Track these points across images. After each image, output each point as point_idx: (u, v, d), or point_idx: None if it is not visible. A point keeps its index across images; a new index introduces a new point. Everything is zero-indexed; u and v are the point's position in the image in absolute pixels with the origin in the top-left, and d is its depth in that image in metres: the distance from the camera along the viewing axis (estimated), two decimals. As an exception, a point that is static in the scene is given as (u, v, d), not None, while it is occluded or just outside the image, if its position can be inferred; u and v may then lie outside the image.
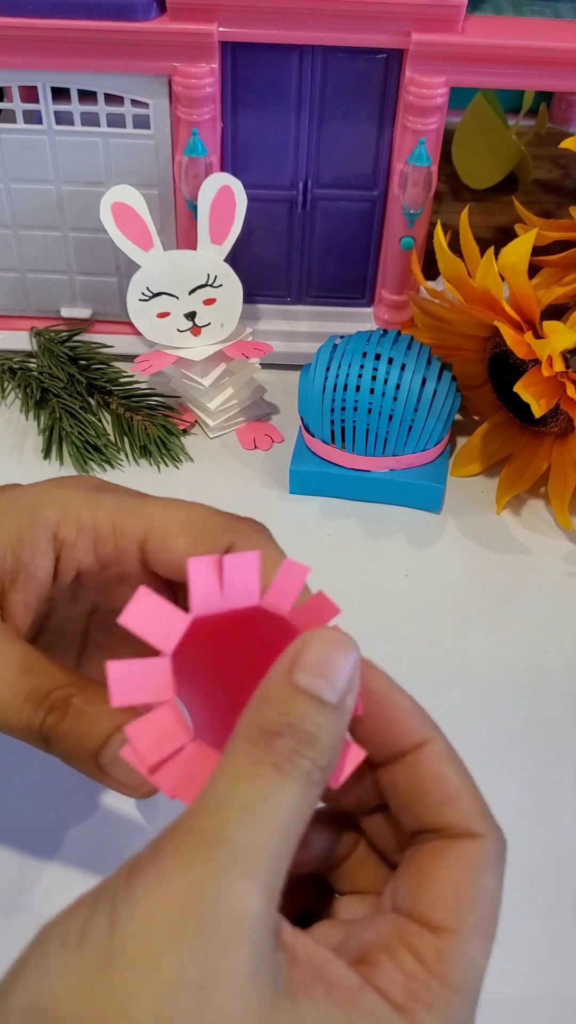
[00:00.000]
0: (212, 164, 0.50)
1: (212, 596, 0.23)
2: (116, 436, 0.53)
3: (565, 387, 0.44)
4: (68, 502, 0.29)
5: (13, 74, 0.48)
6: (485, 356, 0.51)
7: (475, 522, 0.50)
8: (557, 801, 0.39)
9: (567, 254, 0.50)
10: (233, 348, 0.52)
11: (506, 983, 0.33)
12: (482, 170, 0.62)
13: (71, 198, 0.52)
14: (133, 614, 0.23)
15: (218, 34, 0.46)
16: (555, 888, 0.36)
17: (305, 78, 0.48)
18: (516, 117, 0.64)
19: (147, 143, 0.50)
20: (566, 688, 0.42)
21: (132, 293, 0.50)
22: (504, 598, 0.47)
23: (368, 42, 0.46)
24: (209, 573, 0.23)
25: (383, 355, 0.47)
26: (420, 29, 0.45)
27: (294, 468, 0.50)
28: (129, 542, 0.29)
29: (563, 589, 0.47)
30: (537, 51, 0.46)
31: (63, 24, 0.45)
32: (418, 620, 0.45)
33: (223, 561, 0.24)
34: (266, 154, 0.51)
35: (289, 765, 0.20)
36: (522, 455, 0.51)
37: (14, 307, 0.58)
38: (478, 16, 0.47)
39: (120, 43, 0.46)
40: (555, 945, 0.34)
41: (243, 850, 0.19)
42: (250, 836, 0.19)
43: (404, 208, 0.51)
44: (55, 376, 0.55)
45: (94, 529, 0.29)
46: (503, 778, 0.39)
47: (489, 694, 0.42)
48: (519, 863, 0.36)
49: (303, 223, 0.54)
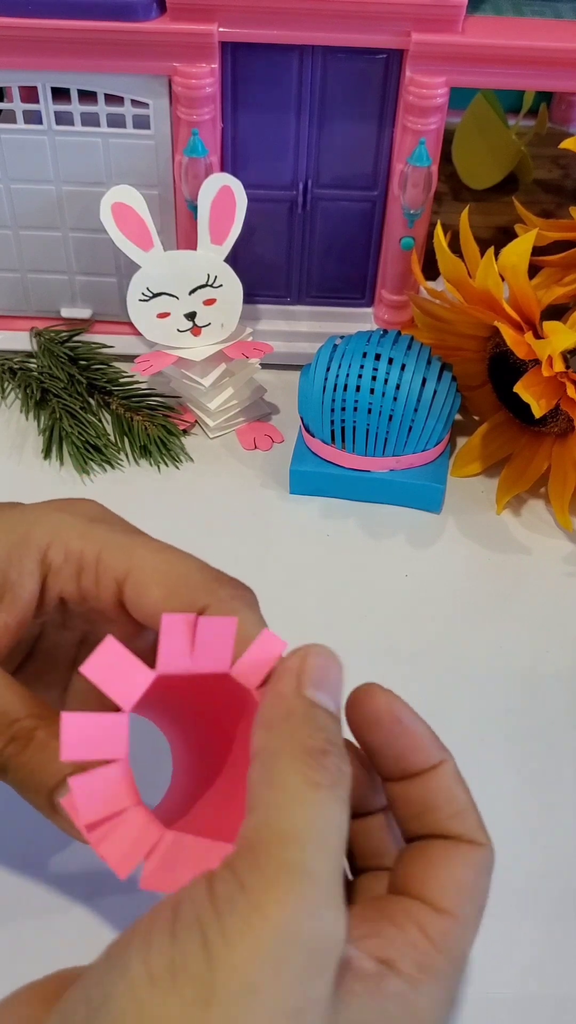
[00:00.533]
0: (212, 164, 0.50)
1: (180, 657, 0.23)
2: (116, 436, 0.53)
3: (565, 387, 0.44)
4: (61, 527, 0.29)
5: (13, 74, 0.48)
6: (485, 356, 0.51)
7: (475, 522, 0.50)
8: (557, 801, 0.39)
9: (567, 254, 0.50)
10: (233, 348, 0.52)
11: (506, 983, 0.33)
12: (482, 170, 0.61)
13: (71, 198, 0.52)
14: (96, 665, 0.22)
15: (218, 34, 0.46)
16: (555, 888, 0.36)
17: (305, 78, 0.48)
18: (516, 117, 0.64)
19: (147, 143, 0.50)
20: (566, 688, 0.42)
21: (132, 293, 0.50)
22: (504, 598, 0.47)
23: (368, 42, 0.46)
24: (182, 633, 0.23)
25: (383, 355, 0.47)
26: (420, 29, 0.45)
27: (294, 468, 0.50)
28: (109, 579, 0.28)
29: (563, 589, 0.47)
30: (537, 51, 0.46)
31: (63, 24, 0.45)
32: (418, 620, 0.45)
33: (198, 623, 0.23)
34: (266, 154, 0.51)
35: (339, 782, 0.22)
36: (522, 455, 0.51)
37: (14, 307, 0.58)
38: (478, 16, 0.47)
39: (120, 43, 0.46)
40: (555, 945, 0.34)
41: (326, 879, 0.21)
42: (330, 865, 0.21)
43: (404, 208, 0.51)
44: (55, 376, 0.55)
45: (79, 559, 0.28)
46: (503, 778, 0.39)
47: (489, 694, 0.42)
48: (519, 863, 0.36)
49: (303, 223, 0.54)
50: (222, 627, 0.23)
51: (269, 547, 0.48)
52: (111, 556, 0.28)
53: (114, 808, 0.22)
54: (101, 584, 0.28)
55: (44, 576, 0.29)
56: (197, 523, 0.49)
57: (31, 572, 0.28)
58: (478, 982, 0.33)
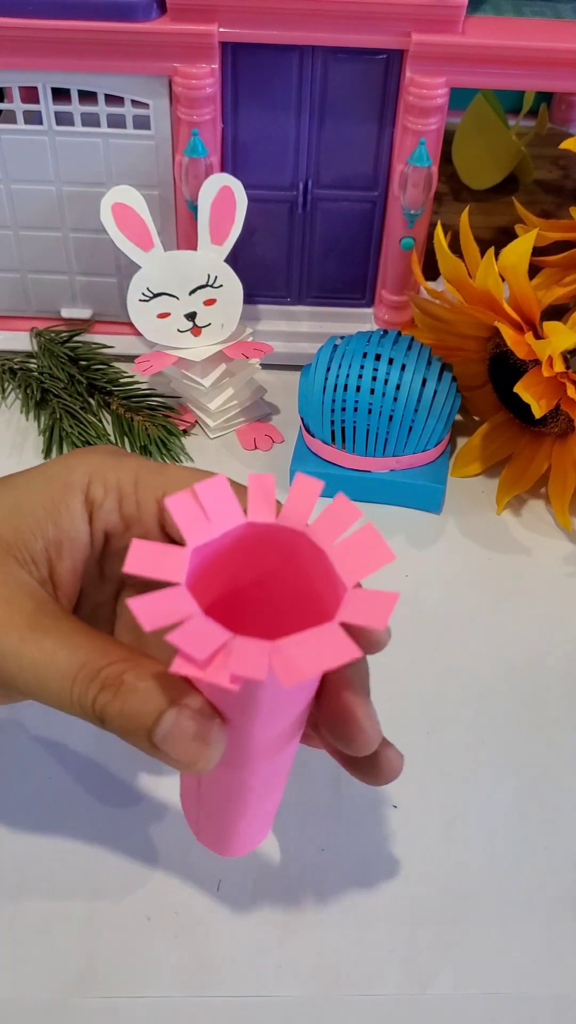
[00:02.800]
0: (212, 164, 0.50)
1: (201, 525, 0.23)
2: (116, 436, 0.53)
3: (565, 387, 0.44)
4: (95, 464, 0.30)
5: (13, 74, 0.48)
6: (485, 356, 0.51)
7: (475, 522, 0.50)
8: (557, 801, 0.39)
9: (567, 254, 0.50)
10: (233, 348, 0.52)
11: (506, 983, 0.33)
12: (482, 171, 0.62)
13: (71, 199, 0.52)
14: (135, 561, 0.23)
15: (218, 34, 0.46)
16: (555, 888, 0.36)
17: (305, 78, 0.48)
18: (516, 117, 0.64)
19: (147, 144, 0.50)
20: (566, 688, 0.42)
21: (132, 293, 0.50)
22: (504, 598, 0.47)
23: (368, 43, 0.46)
24: (191, 506, 0.24)
25: (383, 355, 0.47)
26: (420, 30, 0.45)
27: (294, 468, 0.50)
28: (150, 498, 0.29)
29: (563, 589, 0.47)
30: (537, 51, 0.46)
31: (63, 24, 0.45)
32: (418, 620, 0.45)
33: (196, 492, 0.24)
34: (266, 154, 0.51)
35: None
36: (522, 455, 0.51)
37: (14, 308, 0.58)
38: (478, 16, 0.47)
39: (120, 43, 0.46)
40: (555, 945, 0.34)
41: None
42: None
43: (404, 208, 0.51)
44: (55, 376, 0.55)
45: (118, 488, 0.30)
46: (503, 777, 0.39)
47: (489, 694, 0.42)
48: (520, 862, 0.36)
49: (303, 223, 0.54)
50: (218, 487, 0.24)
51: (269, 547, 0.48)
52: (147, 479, 0.30)
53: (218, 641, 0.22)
54: (143, 507, 0.29)
55: (90, 514, 0.30)
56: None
57: (80, 513, 0.29)
58: (478, 982, 0.33)
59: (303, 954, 0.34)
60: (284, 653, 0.21)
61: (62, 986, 0.33)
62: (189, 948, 0.34)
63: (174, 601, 0.22)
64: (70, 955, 0.34)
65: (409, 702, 0.41)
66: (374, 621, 0.23)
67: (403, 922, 0.35)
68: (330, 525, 0.24)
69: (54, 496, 0.29)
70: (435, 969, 0.34)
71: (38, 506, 0.29)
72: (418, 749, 0.39)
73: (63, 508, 0.29)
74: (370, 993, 0.33)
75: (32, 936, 0.34)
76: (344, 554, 0.24)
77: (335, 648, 0.22)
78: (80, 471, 0.30)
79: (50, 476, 0.30)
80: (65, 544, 0.29)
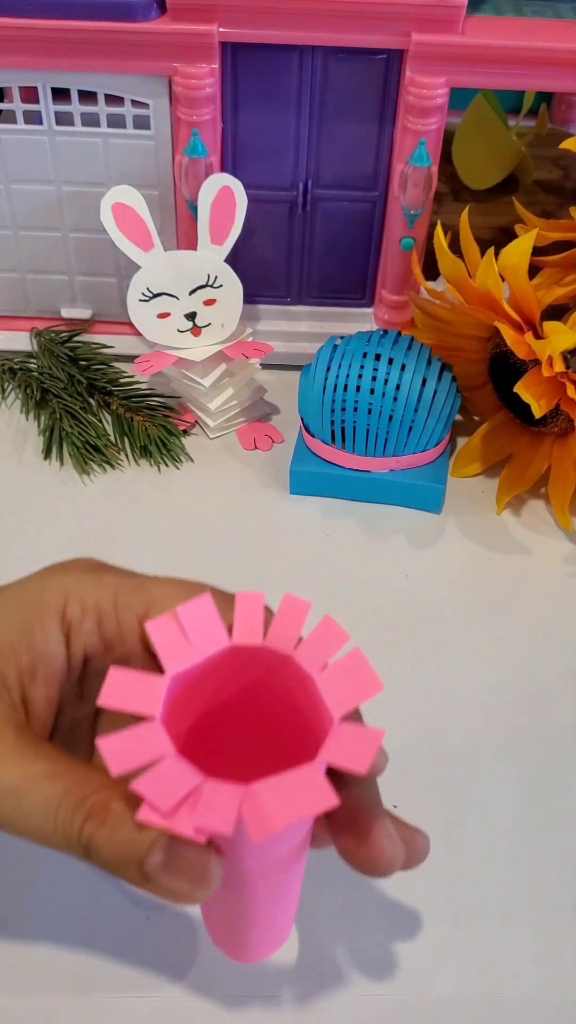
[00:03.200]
0: (212, 164, 0.50)
1: (182, 651, 0.23)
2: (116, 436, 0.53)
3: (565, 387, 0.44)
4: (70, 584, 0.28)
5: (13, 74, 0.48)
6: (485, 357, 0.51)
7: (475, 522, 0.50)
8: (557, 802, 0.39)
9: (567, 255, 0.50)
10: (233, 348, 0.52)
11: (506, 983, 0.33)
12: (482, 171, 0.62)
13: (71, 199, 0.52)
14: (111, 692, 0.22)
15: (218, 34, 0.46)
16: (555, 890, 0.36)
17: (305, 78, 0.48)
18: (516, 118, 0.64)
19: (147, 144, 0.50)
20: (566, 689, 0.42)
21: (132, 294, 0.50)
22: (504, 598, 0.47)
23: (368, 42, 0.46)
24: (172, 630, 0.23)
25: (383, 355, 0.47)
26: (420, 29, 0.45)
27: (294, 468, 0.50)
28: (130, 619, 0.28)
29: (563, 589, 0.47)
30: (537, 51, 0.46)
31: (63, 24, 0.45)
32: (418, 620, 0.45)
33: (178, 615, 0.23)
34: (266, 155, 0.51)
35: None
36: (522, 455, 0.51)
37: (14, 308, 0.58)
38: (478, 16, 0.47)
39: (120, 43, 0.46)
40: (555, 946, 0.34)
41: None
42: None
43: (404, 209, 0.51)
44: (55, 377, 0.55)
45: (97, 608, 0.28)
46: (503, 779, 0.39)
47: (489, 694, 0.42)
48: (520, 863, 0.36)
49: (303, 224, 0.54)
50: (202, 607, 0.23)
51: (269, 547, 0.48)
52: (127, 597, 0.28)
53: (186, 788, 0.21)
54: (124, 626, 0.28)
55: (67, 636, 0.28)
56: (197, 523, 0.49)
57: (56, 636, 0.28)
58: (478, 982, 0.33)
59: (303, 954, 0.34)
60: (256, 799, 0.21)
61: (62, 986, 0.33)
62: (189, 948, 0.34)
63: (145, 740, 0.22)
64: (70, 955, 0.34)
65: (409, 702, 0.41)
66: (356, 764, 0.22)
67: (403, 922, 0.35)
68: (317, 649, 0.24)
69: (29, 618, 0.28)
70: (435, 969, 0.34)
71: (12, 629, 0.27)
72: (418, 749, 0.39)
73: (38, 631, 0.27)
74: (370, 993, 0.33)
75: (32, 936, 0.34)
76: (332, 682, 0.23)
77: (312, 795, 0.21)
78: (55, 590, 0.28)
79: (23, 597, 0.28)
80: (40, 670, 0.28)
